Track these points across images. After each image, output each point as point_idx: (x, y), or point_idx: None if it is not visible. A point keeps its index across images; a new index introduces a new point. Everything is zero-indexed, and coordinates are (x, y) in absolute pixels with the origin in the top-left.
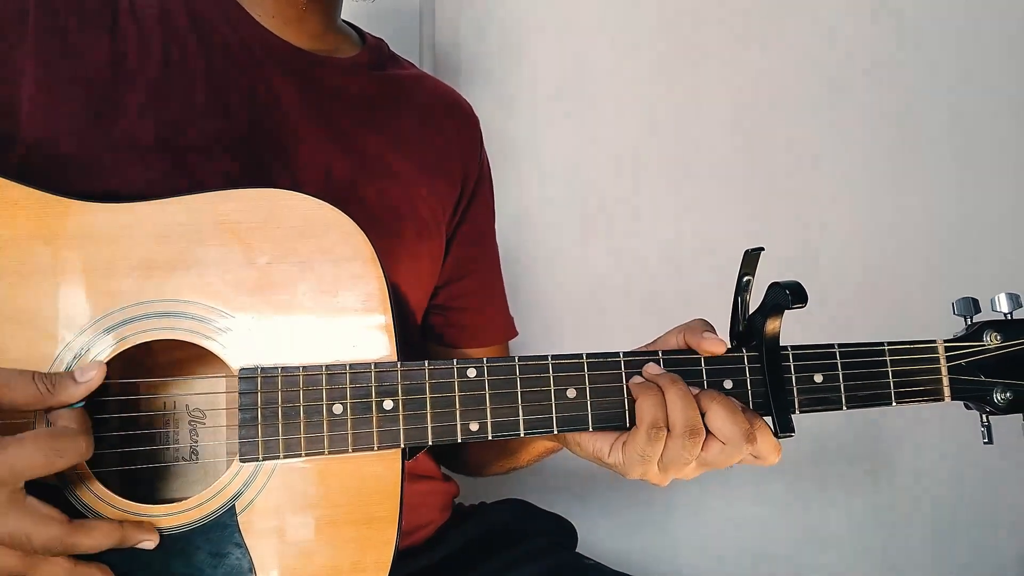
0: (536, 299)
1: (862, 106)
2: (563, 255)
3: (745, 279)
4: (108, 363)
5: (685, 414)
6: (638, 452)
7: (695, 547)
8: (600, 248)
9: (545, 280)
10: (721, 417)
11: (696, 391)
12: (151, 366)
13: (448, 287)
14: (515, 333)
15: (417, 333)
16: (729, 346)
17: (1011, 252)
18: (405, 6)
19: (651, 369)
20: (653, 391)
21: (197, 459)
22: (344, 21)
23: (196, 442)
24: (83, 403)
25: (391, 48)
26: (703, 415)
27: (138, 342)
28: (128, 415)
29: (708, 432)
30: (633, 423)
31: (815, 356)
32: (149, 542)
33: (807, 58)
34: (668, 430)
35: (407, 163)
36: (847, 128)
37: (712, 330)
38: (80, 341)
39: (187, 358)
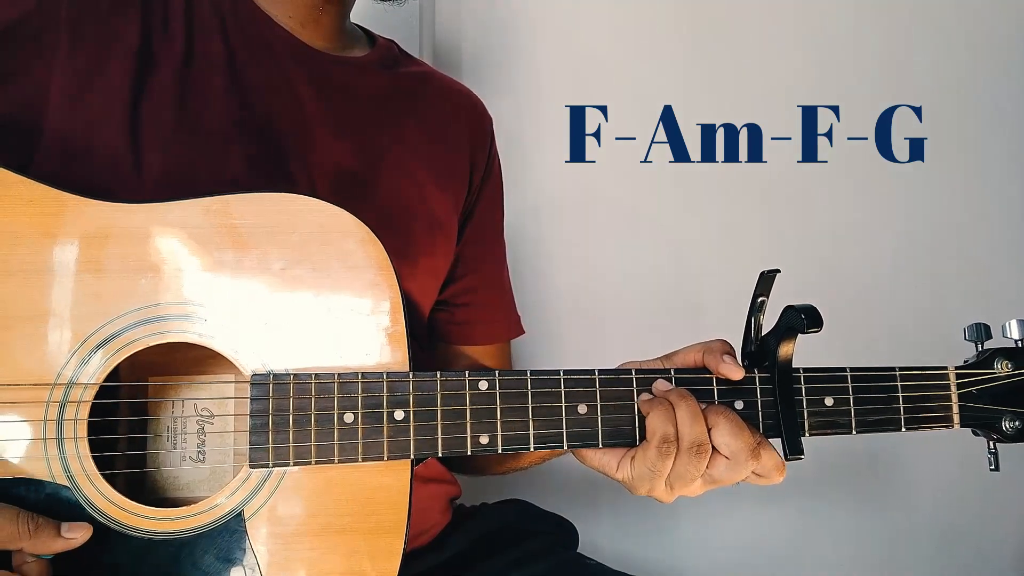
0: (537, 299)
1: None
2: (566, 255)
3: (759, 300)
4: (118, 364)
5: (693, 430)
6: (648, 467)
7: (696, 548)
8: (603, 249)
9: (546, 280)
10: (727, 432)
11: (704, 406)
12: (165, 364)
13: (453, 283)
14: (520, 331)
15: (426, 332)
16: (744, 373)
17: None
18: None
19: (661, 386)
20: (664, 406)
21: (204, 460)
22: (352, 23)
23: (203, 443)
24: (51, 557)
25: (400, 47)
26: (709, 431)
27: (150, 344)
28: (136, 418)
29: (713, 449)
30: (643, 439)
31: (826, 379)
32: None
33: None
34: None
35: (419, 162)
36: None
37: (733, 353)
38: (90, 342)
39: (201, 357)
